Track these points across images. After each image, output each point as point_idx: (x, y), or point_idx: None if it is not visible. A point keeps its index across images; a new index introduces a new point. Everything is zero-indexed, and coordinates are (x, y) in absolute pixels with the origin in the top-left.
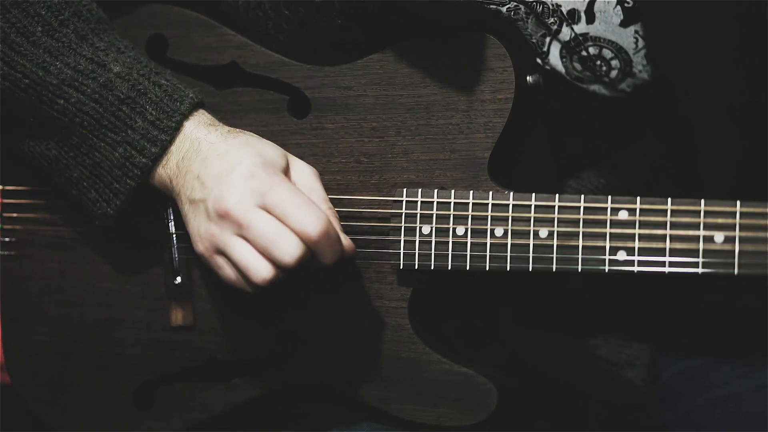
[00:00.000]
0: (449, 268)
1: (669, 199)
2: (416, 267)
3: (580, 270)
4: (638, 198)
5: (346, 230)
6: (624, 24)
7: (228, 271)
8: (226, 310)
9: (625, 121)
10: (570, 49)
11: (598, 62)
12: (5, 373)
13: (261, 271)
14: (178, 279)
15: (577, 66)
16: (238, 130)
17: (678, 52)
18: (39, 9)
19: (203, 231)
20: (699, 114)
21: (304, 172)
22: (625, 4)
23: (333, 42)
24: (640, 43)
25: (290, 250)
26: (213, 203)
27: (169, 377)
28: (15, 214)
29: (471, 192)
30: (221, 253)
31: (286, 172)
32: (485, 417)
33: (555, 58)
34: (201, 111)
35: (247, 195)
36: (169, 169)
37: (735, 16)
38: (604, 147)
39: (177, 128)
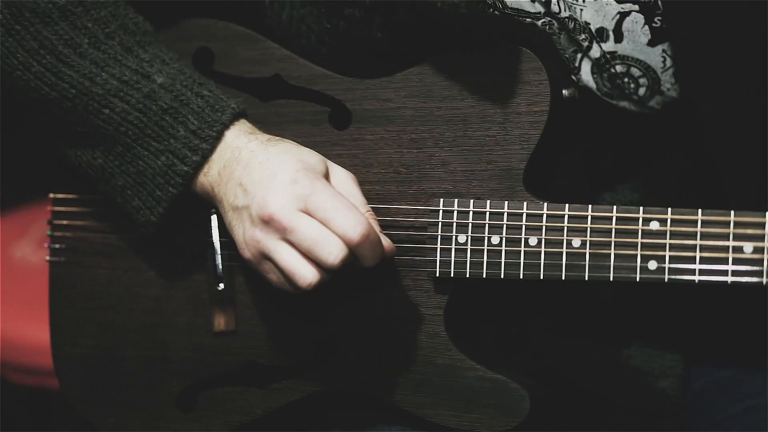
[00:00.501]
0: (484, 276)
1: (699, 211)
2: (452, 275)
3: (612, 279)
4: (669, 209)
5: None
6: (652, 43)
7: (274, 276)
8: (267, 317)
9: (655, 137)
10: (600, 66)
11: (626, 80)
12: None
13: (306, 274)
14: (221, 286)
15: (607, 83)
16: (277, 138)
17: (704, 72)
18: (86, 22)
19: (248, 237)
20: (722, 133)
21: (343, 177)
22: (653, 24)
23: (373, 55)
24: (668, 62)
25: (334, 252)
26: (257, 209)
27: (211, 381)
28: (65, 222)
29: (506, 202)
30: (267, 258)
31: (327, 177)
32: (518, 423)
33: (586, 74)
34: (242, 121)
35: (289, 200)
36: (210, 177)
37: (760, 37)
38: (636, 161)
39: (218, 137)
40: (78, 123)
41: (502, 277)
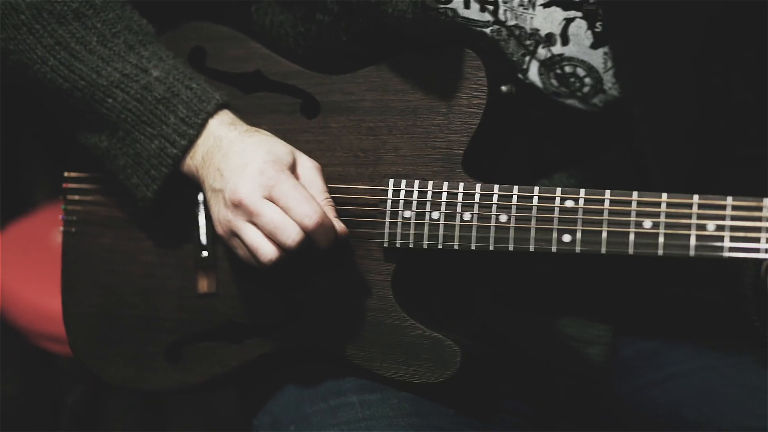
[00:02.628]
0: (425, 246)
1: (608, 191)
2: (398, 245)
3: (532, 249)
4: (582, 190)
5: (343, 214)
6: (594, 46)
7: (241, 251)
8: (243, 282)
9: (597, 132)
10: (547, 67)
11: (572, 79)
12: None
13: (268, 252)
14: (204, 253)
15: (554, 82)
16: (254, 129)
17: (638, 73)
18: (96, 22)
19: (222, 216)
20: (652, 131)
21: (307, 166)
22: (595, 29)
23: (340, 54)
24: (609, 64)
25: (291, 236)
26: (229, 193)
27: (195, 337)
28: (77, 197)
29: (445, 183)
30: (236, 235)
31: (293, 167)
32: (450, 374)
33: (534, 74)
34: (225, 111)
35: (257, 187)
36: (196, 160)
37: (690, 44)
38: (575, 153)
39: (203, 125)
40: (86, 110)
41: (440, 247)
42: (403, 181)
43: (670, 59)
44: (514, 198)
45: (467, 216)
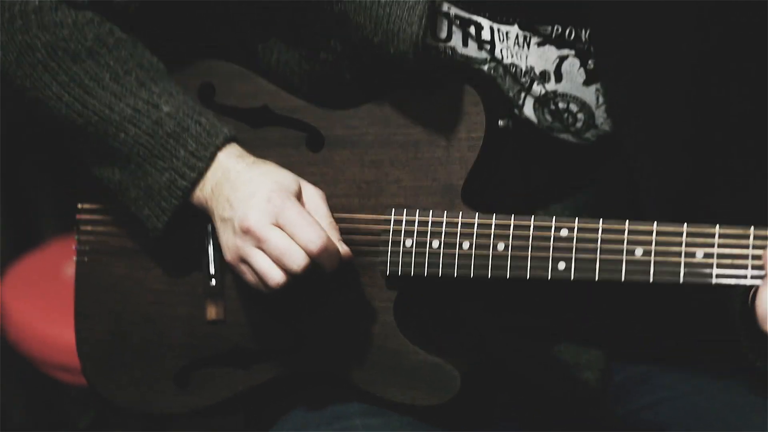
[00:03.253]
0: (425, 275)
1: (600, 220)
2: (400, 274)
3: (528, 277)
4: (576, 219)
5: (347, 243)
6: (586, 83)
7: (250, 276)
8: (250, 309)
9: (588, 165)
10: (542, 103)
11: (566, 115)
12: None
13: (275, 276)
14: (213, 282)
15: (548, 117)
16: (261, 160)
17: (629, 109)
18: (108, 60)
19: (231, 244)
20: (643, 164)
21: (312, 193)
22: (587, 67)
23: (343, 90)
24: (601, 100)
25: (297, 261)
26: (238, 221)
27: (203, 362)
28: (90, 228)
29: (445, 213)
30: (245, 261)
31: (299, 195)
32: (450, 397)
33: (529, 110)
34: (233, 144)
35: (264, 215)
36: (205, 192)
37: (679, 83)
38: (569, 186)
39: (212, 158)
40: (100, 144)
41: (440, 275)
42: (405, 211)
43: (661, 96)
44: (511, 227)
45: (466, 245)
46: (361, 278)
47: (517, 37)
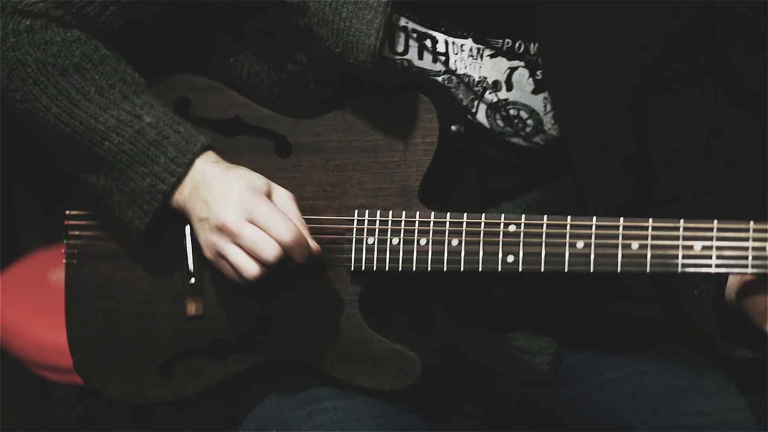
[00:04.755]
0: (386, 269)
1: (545, 216)
2: (363, 269)
3: (480, 269)
4: (523, 215)
5: (315, 242)
6: (535, 92)
7: (228, 270)
8: (227, 304)
9: (540, 166)
10: (494, 110)
11: (516, 120)
12: None
13: (250, 268)
14: (192, 280)
15: (500, 123)
16: (235, 165)
17: (574, 116)
18: (94, 75)
19: (208, 241)
20: (587, 165)
21: (282, 195)
22: (536, 77)
23: (308, 100)
24: (548, 107)
25: (270, 252)
26: (214, 219)
27: (185, 355)
28: (77, 232)
29: (404, 212)
30: (222, 257)
31: (269, 195)
32: (412, 381)
33: (482, 116)
34: (209, 152)
35: (238, 212)
36: (184, 195)
37: (620, 93)
38: (520, 186)
39: (190, 164)
40: (86, 152)
41: (400, 270)
42: (367, 212)
43: (604, 104)
44: (464, 224)
45: (423, 241)
46: (328, 274)
47: (471, 49)
